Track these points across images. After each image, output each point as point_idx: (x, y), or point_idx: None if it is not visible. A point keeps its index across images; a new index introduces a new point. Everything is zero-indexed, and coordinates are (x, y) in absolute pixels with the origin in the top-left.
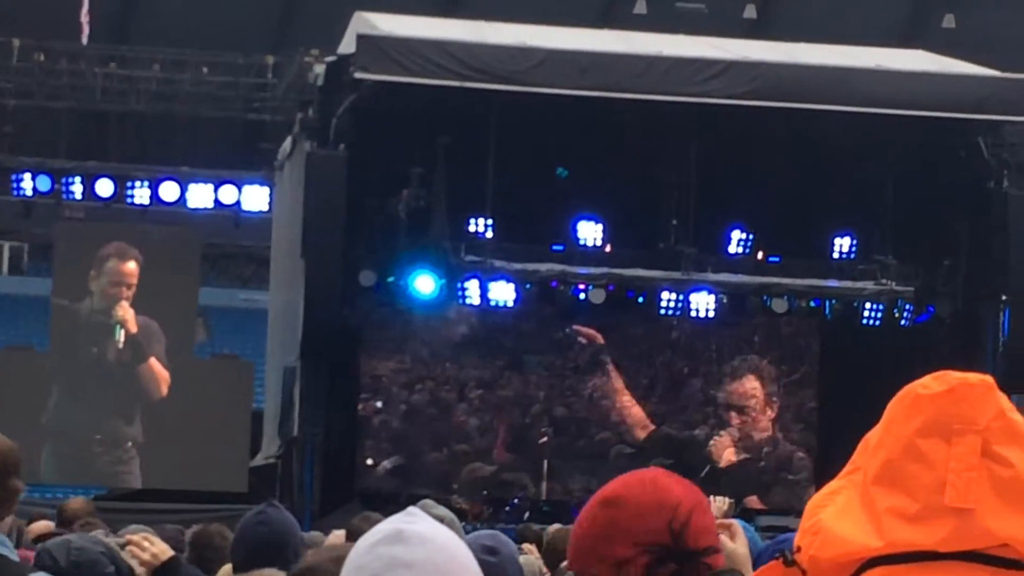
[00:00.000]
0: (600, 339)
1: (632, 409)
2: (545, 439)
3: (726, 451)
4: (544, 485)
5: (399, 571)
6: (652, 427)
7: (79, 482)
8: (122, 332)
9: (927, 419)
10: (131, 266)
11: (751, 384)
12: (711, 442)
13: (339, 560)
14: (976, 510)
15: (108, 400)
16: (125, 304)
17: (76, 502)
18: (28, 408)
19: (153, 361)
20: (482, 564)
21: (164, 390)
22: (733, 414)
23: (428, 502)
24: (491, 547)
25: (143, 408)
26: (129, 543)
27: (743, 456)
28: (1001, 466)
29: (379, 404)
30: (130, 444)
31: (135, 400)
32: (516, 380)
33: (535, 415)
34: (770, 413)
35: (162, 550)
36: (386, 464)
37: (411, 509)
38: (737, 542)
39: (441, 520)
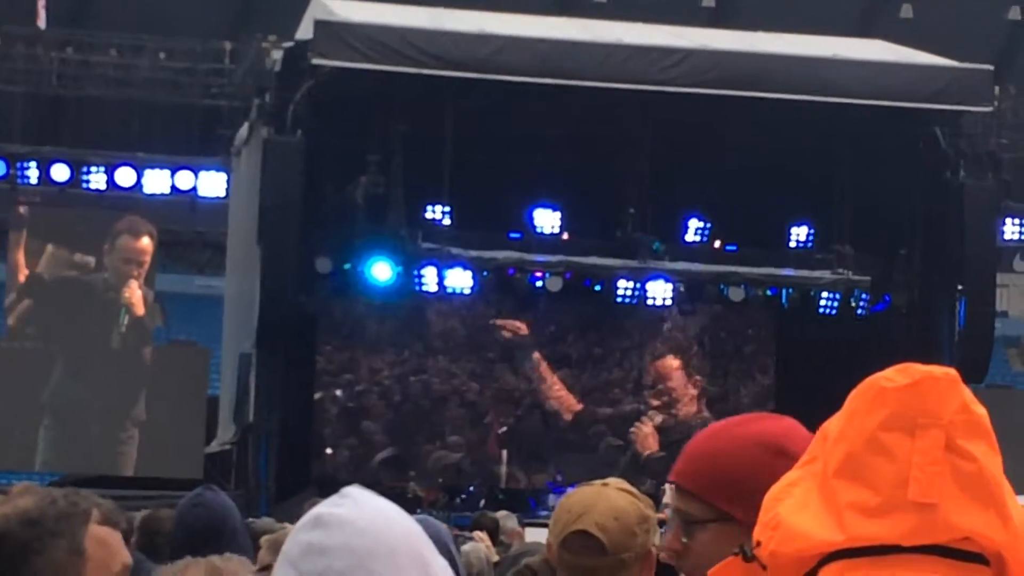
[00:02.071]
0: (524, 330)
1: (560, 394)
2: (505, 428)
3: (649, 437)
4: (504, 470)
5: (312, 558)
6: (579, 407)
7: (73, 468)
8: (127, 315)
9: (891, 412)
10: (144, 242)
11: (669, 364)
12: (632, 429)
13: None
14: (939, 504)
15: (110, 381)
16: (134, 285)
17: (21, 487)
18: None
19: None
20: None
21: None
22: (654, 396)
23: (355, 487)
24: (446, 544)
25: (149, 389)
26: None
27: (667, 440)
28: (964, 460)
29: (338, 393)
30: (131, 426)
31: (139, 381)
32: (508, 374)
33: (526, 408)
34: (693, 391)
35: None
36: (380, 455)
37: (344, 491)
38: None
39: None
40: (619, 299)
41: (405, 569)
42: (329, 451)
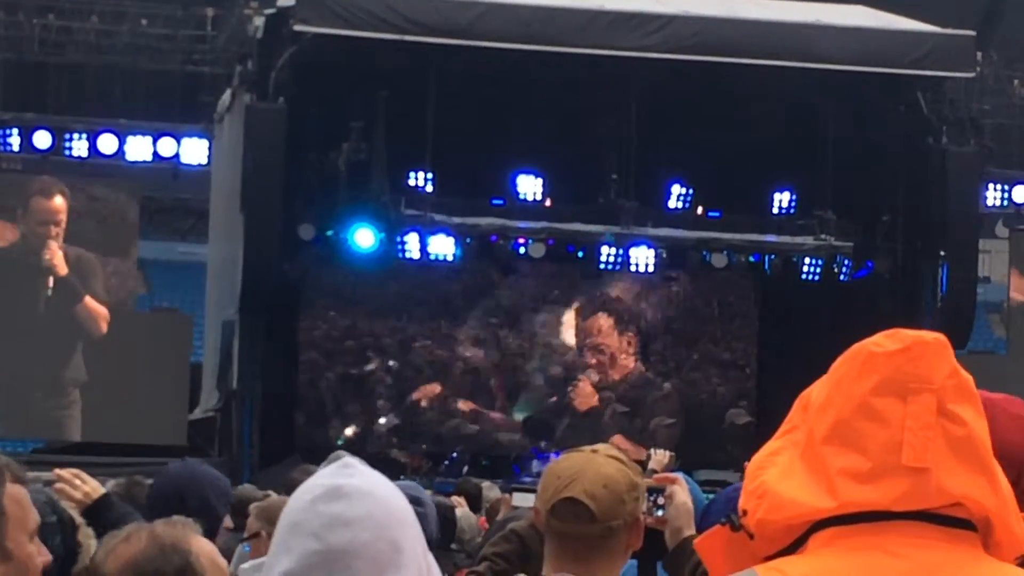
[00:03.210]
0: (439, 389)
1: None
2: (510, 395)
3: (587, 396)
4: (509, 437)
5: (338, 530)
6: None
7: (18, 434)
8: (51, 277)
9: (882, 378)
10: (57, 202)
11: (602, 321)
12: (569, 388)
13: None
14: (932, 469)
15: (43, 346)
16: (53, 246)
17: None
18: None
19: (88, 300)
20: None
21: (104, 327)
22: (588, 354)
23: (344, 453)
24: (417, 498)
25: (86, 348)
26: (59, 479)
27: (604, 397)
28: (955, 424)
29: (341, 359)
30: (72, 389)
31: (73, 341)
32: (511, 339)
33: (530, 373)
34: (629, 348)
35: (93, 488)
36: (383, 422)
37: (346, 460)
38: (684, 496)
39: None
40: (602, 265)
41: (412, 538)
42: (337, 417)
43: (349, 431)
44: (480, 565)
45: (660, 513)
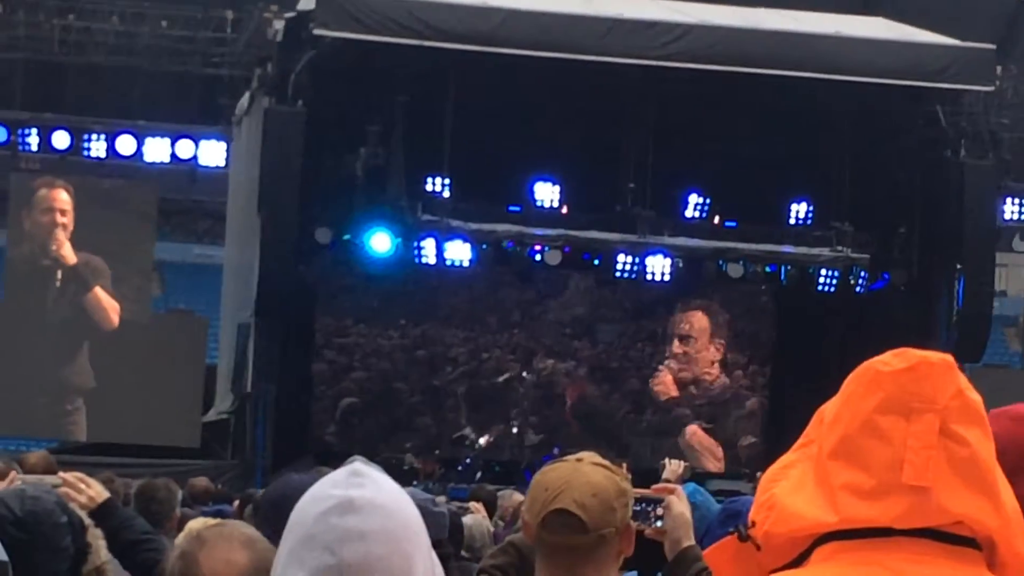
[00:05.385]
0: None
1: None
2: (580, 409)
3: (667, 385)
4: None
5: (352, 544)
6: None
7: (23, 433)
8: (59, 270)
9: (887, 396)
10: (62, 196)
11: (699, 319)
12: (652, 379)
13: None
14: (932, 488)
15: (52, 347)
16: (60, 236)
17: (35, 456)
18: None
19: (99, 290)
20: (430, 514)
21: (115, 320)
22: (676, 342)
23: (359, 459)
24: (433, 498)
25: (93, 348)
26: (64, 483)
27: (685, 388)
28: (958, 445)
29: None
30: (76, 393)
31: (81, 341)
32: (587, 350)
33: (606, 389)
34: (715, 353)
35: (98, 492)
36: (483, 440)
37: (356, 467)
38: (682, 507)
39: None
40: (617, 274)
41: (424, 548)
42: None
43: (483, 440)
44: None
45: (659, 524)
